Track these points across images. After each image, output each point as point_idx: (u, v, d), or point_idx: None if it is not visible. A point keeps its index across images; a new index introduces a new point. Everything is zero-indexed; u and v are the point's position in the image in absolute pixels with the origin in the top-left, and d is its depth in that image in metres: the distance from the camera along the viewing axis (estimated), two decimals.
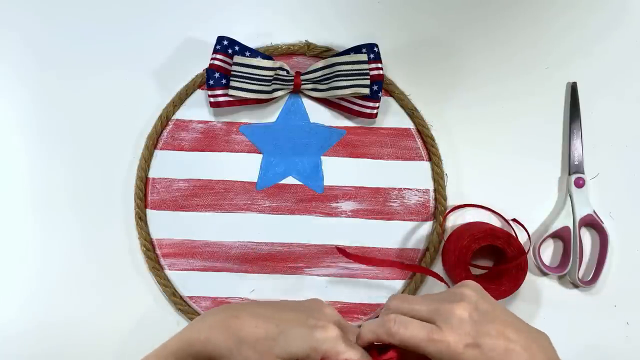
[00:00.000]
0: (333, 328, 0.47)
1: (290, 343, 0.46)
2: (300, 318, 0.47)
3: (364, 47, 0.68)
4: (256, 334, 0.46)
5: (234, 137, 0.70)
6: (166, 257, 0.69)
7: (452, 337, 0.45)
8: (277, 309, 0.48)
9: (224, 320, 0.47)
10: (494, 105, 0.71)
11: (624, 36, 0.72)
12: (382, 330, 0.47)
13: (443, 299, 0.47)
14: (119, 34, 0.71)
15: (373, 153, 0.70)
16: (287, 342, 0.46)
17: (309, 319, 0.47)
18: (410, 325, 0.46)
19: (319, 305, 0.49)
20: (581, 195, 0.69)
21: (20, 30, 0.71)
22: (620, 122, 0.71)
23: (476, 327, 0.45)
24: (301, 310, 0.48)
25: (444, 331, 0.45)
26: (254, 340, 0.46)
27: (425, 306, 0.47)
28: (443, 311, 0.46)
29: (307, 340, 0.46)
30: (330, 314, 0.49)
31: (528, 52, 0.72)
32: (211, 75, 0.67)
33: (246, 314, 0.47)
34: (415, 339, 0.46)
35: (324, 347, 0.46)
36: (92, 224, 0.69)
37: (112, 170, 0.70)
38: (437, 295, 0.49)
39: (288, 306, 0.49)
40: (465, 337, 0.45)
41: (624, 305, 0.69)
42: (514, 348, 0.45)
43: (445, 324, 0.45)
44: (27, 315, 0.68)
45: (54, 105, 0.70)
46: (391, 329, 0.46)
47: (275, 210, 0.69)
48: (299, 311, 0.48)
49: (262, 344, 0.46)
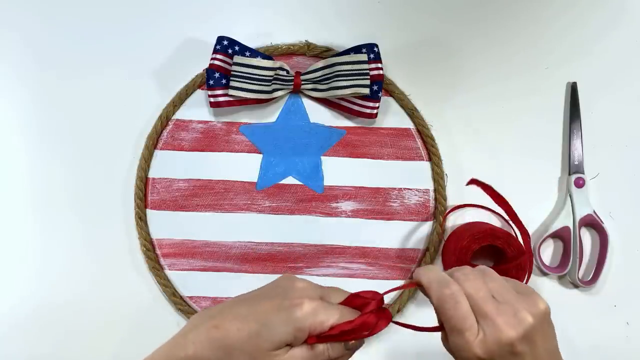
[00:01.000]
0: (308, 302, 0.46)
1: (274, 333, 0.45)
2: (275, 303, 0.47)
3: (364, 47, 0.68)
4: (240, 337, 0.46)
5: (234, 137, 0.70)
6: (166, 257, 0.69)
7: (477, 348, 0.44)
8: (252, 302, 0.48)
9: (206, 334, 0.46)
10: (494, 106, 0.71)
11: (624, 36, 0.72)
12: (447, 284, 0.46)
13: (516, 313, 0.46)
14: (119, 34, 0.71)
15: (373, 153, 0.70)
16: (271, 333, 0.45)
17: (284, 301, 0.46)
18: (459, 305, 0.45)
19: (290, 282, 0.48)
20: (581, 195, 0.69)
21: (20, 30, 0.71)
22: (620, 122, 0.71)
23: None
24: (274, 294, 0.48)
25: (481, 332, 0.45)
26: (241, 344, 0.46)
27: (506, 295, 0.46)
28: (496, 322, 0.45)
29: (288, 324, 0.45)
30: (302, 287, 0.48)
31: (528, 52, 0.72)
32: (211, 75, 0.67)
33: (224, 319, 0.47)
34: (454, 321, 0.45)
35: (307, 323, 0.46)
36: (92, 224, 0.69)
37: (112, 170, 0.70)
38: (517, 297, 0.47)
39: (261, 294, 0.49)
40: (486, 354, 0.44)
41: (624, 305, 0.69)
42: None
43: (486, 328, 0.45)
44: (27, 314, 0.68)
45: (54, 105, 0.70)
46: (486, 305, 0.46)
47: (275, 210, 0.69)
48: (273, 296, 0.47)
49: (249, 344, 0.45)
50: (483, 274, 0.48)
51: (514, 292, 0.47)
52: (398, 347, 0.69)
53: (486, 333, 0.44)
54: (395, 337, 0.68)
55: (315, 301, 0.46)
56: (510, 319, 0.45)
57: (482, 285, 0.46)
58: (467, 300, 0.46)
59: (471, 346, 0.45)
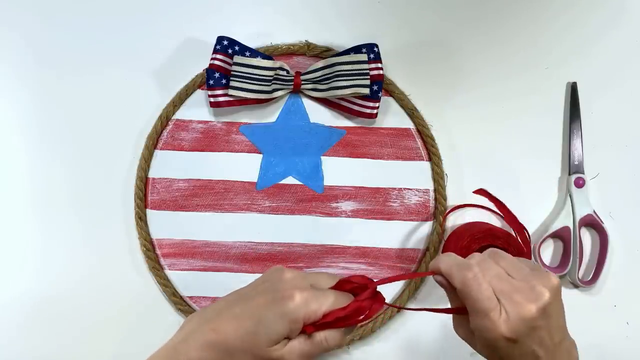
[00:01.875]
0: (299, 292, 0.46)
1: (270, 328, 0.45)
2: (267, 298, 0.47)
3: (364, 47, 0.68)
4: (238, 337, 0.46)
5: (234, 137, 0.70)
6: (166, 257, 0.69)
7: (503, 326, 0.45)
8: (245, 300, 0.48)
9: (205, 338, 0.46)
10: (494, 105, 0.71)
11: (624, 36, 0.72)
12: (463, 270, 0.47)
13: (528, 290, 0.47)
14: (119, 34, 0.71)
15: (373, 153, 0.70)
16: (267, 329, 0.45)
17: (275, 294, 0.46)
18: (482, 287, 0.46)
19: (279, 275, 0.48)
20: (581, 195, 0.69)
21: (20, 30, 0.71)
22: (620, 122, 0.71)
23: (533, 329, 0.46)
24: (265, 289, 0.48)
25: (502, 313, 0.46)
26: (240, 344, 0.46)
27: (517, 278, 0.47)
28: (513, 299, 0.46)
29: (282, 317, 0.45)
30: (290, 278, 0.48)
31: (528, 52, 0.72)
32: (211, 75, 0.67)
33: (221, 321, 0.47)
34: (479, 303, 0.46)
35: (300, 314, 0.46)
36: (92, 224, 0.69)
37: (112, 170, 0.70)
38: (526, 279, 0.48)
39: (253, 290, 0.49)
40: (511, 333, 0.45)
41: (624, 305, 0.69)
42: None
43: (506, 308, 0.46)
44: (26, 314, 0.68)
45: (54, 105, 0.70)
46: (468, 275, 0.47)
47: (275, 210, 0.69)
48: (264, 291, 0.48)
49: (248, 343, 0.46)
50: (494, 256, 0.49)
51: (527, 269, 0.48)
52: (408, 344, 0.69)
53: (508, 311, 0.45)
54: (400, 336, 0.68)
55: (305, 290, 0.46)
56: (529, 295, 0.46)
57: (495, 266, 0.48)
58: None
59: (497, 326, 0.45)
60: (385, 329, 0.68)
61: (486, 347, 0.47)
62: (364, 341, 0.68)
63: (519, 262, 0.49)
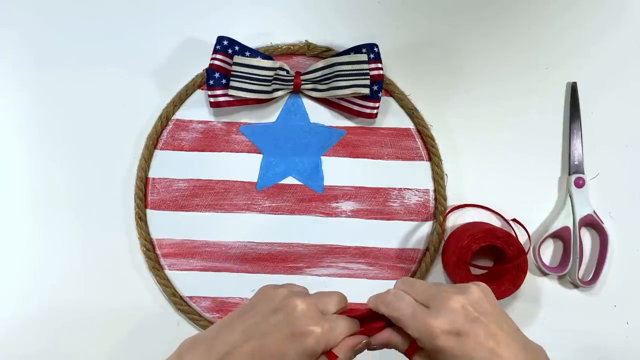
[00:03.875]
0: (316, 327, 0.46)
1: None
2: (285, 333, 0.46)
3: (364, 47, 0.68)
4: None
5: (234, 137, 0.70)
6: (166, 257, 0.69)
7: (434, 321, 0.45)
8: (259, 334, 0.46)
9: None
10: (494, 105, 0.71)
11: (624, 36, 0.72)
12: (380, 299, 0.49)
13: (446, 289, 0.48)
14: (119, 34, 0.71)
15: (373, 153, 0.70)
16: None
17: (293, 329, 0.46)
18: (403, 301, 0.47)
19: (290, 304, 0.47)
20: (581, 195, 0.69)
21: (20, 29, 0.71)
22: (620, 122, 0.71)
23: (466, 321, 0.45)
24: (279, 323, 0.46)
25: (430, 314, 0.46)
26: None
27: (425, 291, 0.48)
28: (438, 298, 0.47)
29: (303, 355, 0.46)
30: (305, 310, 0.47)
31: (528, 52, 0.72)
32: (211, 75, 0.67)
33: (235, 352, 0.46)
34: (401, 313, 0.47)
35: (320, 348, 0.46)
36: (92, 224, 0.69)
37: (112, 170, 0.70)
38: (444, 285, 0.49)
39: (265, 323, 0.47)
40: (448, 325, 0.45)
41: (624, 305, 0.69)
42: (501, 354, 0.44)
43: (435, 309, 0.46)
44: (26, 314, 0.68)
45: (54, 105, 0.70)
46: (386, 299, 0.48)
47: (275, 210, 0.69)
48: (279, 326, 0.46)
49: None
50: (407, 279, 0.51)
51: (445, 284, 0.50)
52: None
53: (438, 308, 0.46)
54: None
55: (321, 323, 0.47)
56: (455, 290, 0.47)
57: (416, 283, 0.49)
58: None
59: (433, 324, 0.45)
60: None
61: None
62: None
63: (429, 283, 0.51)
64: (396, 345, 0.49)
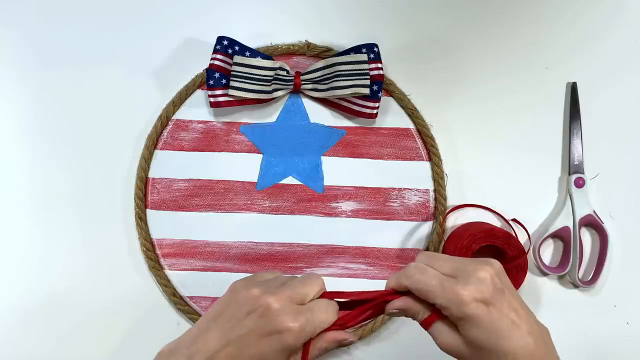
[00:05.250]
0: (294, 322, 0.46)
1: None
2: (261, 333, 0.46)
3: (364, 47, 0.68)
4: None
5: (234, 137, 0.70)
6: (166, 257, 0.69)
7: (464, 290, 0.45)
8: (237, 337, 0.46)
9: None
10: (494, 105, 0.71)
11: (624, 35, 0.72)
12: (402, 273, 0.49)
13: (468, 262, 0.48)
14: (119, 33, 0.71)
15: (373, 153, 0.70)
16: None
17: (270, 328, 0.46)
18: (427, 272, 0.48)
19: (264, 302, 0.47)
20: (581, 195, 0.69)
21: (21, 29, 0.71)
22: (620, 122, 0.71)
23: (493, 291, 0.46)
24: (256, 324, 0.46)
25: (459, 283, 0.46)
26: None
27: (450, 263, 0.48)
28: (465, 270, 0.47)
29: (284, 352, 0.46)
30: (280, 308, 0.47)
31: (528, 52, 0.72)
32: (211, 75, 0.67)
33: (216, 358, 0.46)
34: (427, 284, 0.47)
35: (300, 342, 0.47)
36: (92, 224, 0.69)
37: (112, 170, 0.70)
38: (463, 259, 0.50)
39: (240, 326, 0.47)
40: (479, 293, 0.45)
41: (624, 305, 0.69)
42: (520, 326, 0.46)
43: (464, 279, 0.46)
44: (26, 314, 0.68)
45: (54, 105, 0.71)
46: (408, 272, 0.48)
47: (275, 210, 0.69)
48: (257, 327, 0.46)
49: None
50: (427, 253, 0.51)
51: (460, 259, 0.50)
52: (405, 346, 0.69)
53: (467, 278, 0.46)
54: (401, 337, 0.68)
55: (298, 317, 0.47)
56: (478, 264, 0.48)
57: (437, 256, 0.50)
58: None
59: (463, 292, 0.45)
60: (384, 328, 0.68)
61: (468, 328, 0.46)
62: (364, 341, 0.68)
63: (449, 256, 0.50)
64: (414, 314, 0.49)
